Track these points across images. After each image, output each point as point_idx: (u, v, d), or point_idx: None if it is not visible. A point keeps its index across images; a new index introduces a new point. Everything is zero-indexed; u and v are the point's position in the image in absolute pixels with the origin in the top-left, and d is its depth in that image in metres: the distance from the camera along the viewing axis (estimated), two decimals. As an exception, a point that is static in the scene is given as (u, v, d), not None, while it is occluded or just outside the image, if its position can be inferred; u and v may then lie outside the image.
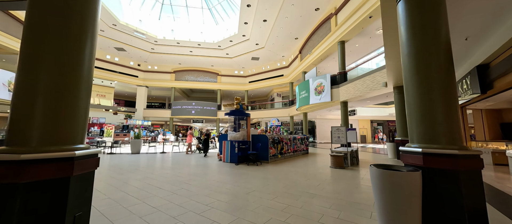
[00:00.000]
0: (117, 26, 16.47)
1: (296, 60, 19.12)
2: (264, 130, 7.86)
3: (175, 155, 9.50)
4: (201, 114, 22.84)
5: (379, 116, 20.47)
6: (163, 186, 4.08)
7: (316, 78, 13.34)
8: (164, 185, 4.13)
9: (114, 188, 3.89)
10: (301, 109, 15.88)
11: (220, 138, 8.46)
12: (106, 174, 5.20)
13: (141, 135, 9.84)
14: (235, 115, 7.49)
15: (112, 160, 7.69)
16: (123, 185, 4.12)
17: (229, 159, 7.09)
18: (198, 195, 3.51)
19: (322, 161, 7.76)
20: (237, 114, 7.44)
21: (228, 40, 18.60)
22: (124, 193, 3.63)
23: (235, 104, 7.53)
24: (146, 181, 4.43)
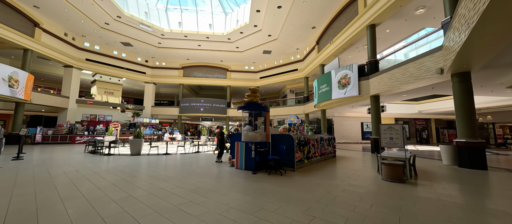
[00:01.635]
0: (122, 18, 15.37)
1: (313, 52, 17.23)
2: (288, 128, 6.21)
3: (180, 158, 8.06)
4: (210, 112, 21.50)
5: (405, 114, 18.18)
6: (145, 215, 2.55)
7: (340, 70, 11.47)
8: (146, 215, 2.60)
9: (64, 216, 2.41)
10: (320, 105, 14.05)
11: (232, 138, 6.91)
12: (74, 186, 3.77)
13: (142, 133, 8.48)
14: (252, 109, 5.88)
15: (99, 164, 6.33)
16: (87, 213, 2.63)
17: (244, 165, 5.51)
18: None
19: (362, 168, 6.00)
20: (254, 108, 5.84)
21: (238, 31, 17.04)
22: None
23: (250, 97, 5.93)
24: (125, 204, 2.93)
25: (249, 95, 5.88)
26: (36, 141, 13.67)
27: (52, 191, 3.48)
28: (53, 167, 5.76)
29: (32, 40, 13.98)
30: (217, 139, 7.35)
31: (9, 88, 11.98)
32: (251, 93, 5.91)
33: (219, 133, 7.19)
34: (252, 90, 5.98)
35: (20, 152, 7.41)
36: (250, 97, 5.87)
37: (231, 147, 6.78)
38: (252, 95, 5.90)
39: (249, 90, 6.00)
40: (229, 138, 13.79)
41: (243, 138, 5.81)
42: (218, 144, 7.11)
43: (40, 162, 6.58)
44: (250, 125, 6.07)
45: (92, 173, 5.03)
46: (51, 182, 4.12)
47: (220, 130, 7.31)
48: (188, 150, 10.35)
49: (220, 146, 7.05)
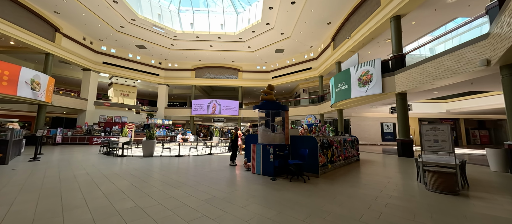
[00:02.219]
0: (136, 21, 15.52)
1: (328, 49, 16.39)
2: (309, 129, 5.60)
3: (192, 160, 7.70)
4: (222, 113, 21.24)
5: (431, 113, 16.74)
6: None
7: (360, 66, 10.62)
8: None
9: None
10: (337, 105, 13.20)
11: (247, 139, 6.41)
12: (81, 186, 3.44)
13: (155, 134, 8.25)
14: (269, 108, 5.35)
15: (111, 167, 6.10)
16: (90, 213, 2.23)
17: (261, 170, 4.98)
18: None
19: (396, 175, 5.25)
20: (272, 107, 5.30)
21: (250, 30, 16.61)
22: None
23: (268, 95, 5.40)
24: (130, 217, 2.51)
25: (266, 92, 5.35)
26: (56, 142, 14.08)
27: (56, 198, 3.17)
28: (65, 169, 5.60)
29: (53, 44, 14.47)
30: (231, 140, 6.86)
31: (31, 91, 12.39)
32: (268, 90, 5.38)
33: (235, 134, 6.71)
34: (269, 87, 5.45)
35: (37, 153, 7.43)
36: (268, 96, 5.33)
37: (247, 149, 6.29)
38: (270, 93, 5.37)
39: (266, 88, 5.47)
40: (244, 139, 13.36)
41: (260, 139, 5.29)
42: (230, 146, 6.63)
43: (54, 163, 6.50)
44: (267, 125, 5.54)
45: (102, 176, 4.75)
46: (59, 187, 3.85)
47: (235, 131, 6.83)
48: (201, 151, 10.02)
49: (233, 148, 6.57)
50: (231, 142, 6.69)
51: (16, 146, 7.26)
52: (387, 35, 12.18)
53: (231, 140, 6.68)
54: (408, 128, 9.15)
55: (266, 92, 5.39)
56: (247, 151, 6.29)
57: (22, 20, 12.73)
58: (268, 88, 5.46)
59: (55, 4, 13.17)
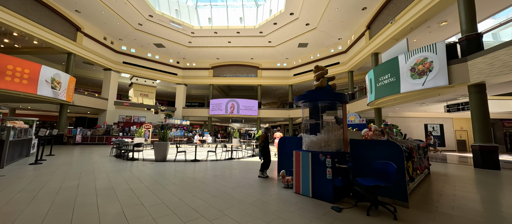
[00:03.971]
0: (154, 17, 14.82)
1: (361, 40, 14.20)
2: (378, 130, 3.81)
3: (210, 168, 6.27)
4: (240, 113, 19.90)
5: (494, 112, 13.61)
6: None
7: (413, 53, 8.45)
8: None
9: None
10: (377, 103, 11.03)
11: (282, 143, 4.80)
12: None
13: (168, 135, 7.00)
14: (319, 98, 3.67)
15: (115, 175, 4.86)
16: None
17: (310, 190, 3.33)
18: None
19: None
20: (323, 97, 3.61)
21: (272, 22, 15.04)
22: None
23: (316, 80, 3.76)
24: None
25: (318, 76, 3.71)
26: (76, 142, 13.74)
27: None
28: (60, 177, 4.46)
29: (75, 44, 14.26)
30: (260, 145, 5.22)
31: (51, 90, 12.08)
32: (318, 71, 3.73)
33: (264, 137, 5.14)
34: (319, 69, 3.79)
35: (41, 156, 6.56)
36: (319, 82, 3.68)
37: (281, 157, 4.68)
38: (320, 77, 3.72)
39: (315, 69, 3.82)
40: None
41: (306, 144, 3.64)
42: (261, 152, 5.04)
43: (54, 169, 5.47)
44: (314, 124, 3.87)
45: (92, 192, 3.45)
46: (36, 209, 2.57)
47: (265, 133, 5.25)
48: (220, 155, 8.60)
49: (265, 156, 4.98)
50: (262, 147, 5.09)
51: (19, 147, 6.45)
52: (443, 16, 9.82)
53: (262, 143, 5.08)
54: (488, 130, 6.83)
55: (317, 77, 3.75)
56: (282, 159, 4.67)
57: (44, 19, 12.56)
58: (318, 72, 3.80)
59: (76, 2, 12.86)
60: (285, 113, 20.35)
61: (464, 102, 10.14)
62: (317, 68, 3.81)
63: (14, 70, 10.51)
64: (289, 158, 4.30)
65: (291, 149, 4.48)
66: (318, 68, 3.82)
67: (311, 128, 3.85)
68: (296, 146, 4.23)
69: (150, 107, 20.42)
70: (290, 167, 4.16)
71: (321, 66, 3.86)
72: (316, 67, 3.86)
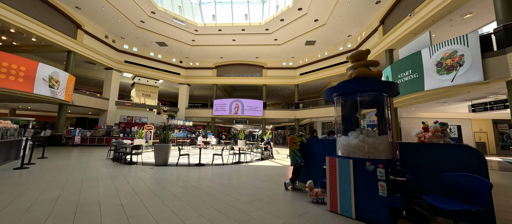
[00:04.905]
0: (156, 14, 14.19)
1: (373, 36, 13.36)
2: (439, 131, 3.00)
3: (217, 174, 5.50)
4: (245, 113, 19.13)
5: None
6: None
7: (440, 47, 7.61)
8: None
9: None
10: (394, 102, 10.15)
11: (308, 147, 3.99)
12: None
13: (170, 137, 6.26)
14: (362, 89, 2.85)
15: (105, 184, 4.11)
16: None
17: (353, 210, 2.52)
18: None
19: None
20: (367, 87, 2.80)
21: (279, 19, 14.30)
22: None
23: (359, 68, 2.99)
24: None
25: (357, 63, 2.94)
26: (75, 143, 13.10)
27: None
28: (41, 186, 3.73)
29: (75, 42, 13.69)
30: (293, 150, 3.98)
31: (49, 88, 11.47)
32: (357, 54, 2.96)
33: (292, 139, 4.05)
34: (358, 54, 3.01)
35: (30, 159, 5.87)
36: (358, 70, 2.90)
37: (307, 164, 3.88)
38: (362, 65, 2.94)
39: (350, 58, 3.04)
40: (271, 144, 10.82)
41: (343, 149, 2.84)
42: (295, 159, 3.98)
43: (40, 174, 4.75)
44: (349, 122, 3.08)
45: (71, 210, 2.69)
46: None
47: (293, 135, 4.11)
48: (227, 159, 7.82)
49: (295, 168, 3.92)
50: (297, 152, 3.94)
51: (5, 149, 5.74)
52: (469, 7, 8.95)
53: (295, 152, 3.95)
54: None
55: (357, 64, 2.97)
56: (306, 166, 3.87)
57: (43, 15, 11.99)
58: (357, 56, 3.02)
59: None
60: (291, 113, 19.53)
61: (493, 101, 9.22)
62: (357, 55, 3.02)
63: (9, 68, 9.91)
64: (316, 165, 3.51)
65: (319, 154, 3.69)
66: (358, 53, 3.03)
67: (346, 128, 3.05)
68: (326, 150, 3.43)
69: (152, 108, 19.78)
70: (319, 176, 3.36)
71: (361, 50, 3.07)
72: (357, 54, 3.07)
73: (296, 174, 3.88)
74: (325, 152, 3.44)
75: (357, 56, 3.03)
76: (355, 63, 3.08)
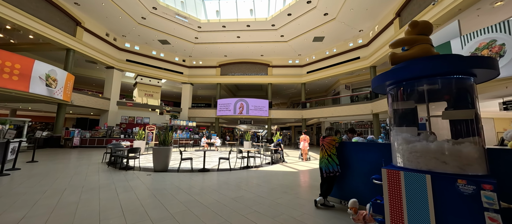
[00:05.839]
0: (158, 9, 13.49)
1: (388, 30, 12.42)
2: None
3: (224, 182, 4.69)
4: (250, 113, 18.31)
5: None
6: None
7: (476, 37, 6.68)
8: None
9: None
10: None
11: (343, 151, 3.14)
12: None
13: (170, 138, 5.48)
14: (433, 70, 1.96)
15: (88, 197, 3.33)
16: None
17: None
18: None
19: None
20: (439, 68, 1.91)
21: (286, 13, 13.46)
22: None
23: (408, 43, 2.12)
24: None
25: (406, 39, 2.11)
26: (74, 144, 12.46)
27: None
28: (10, 200, 2.96)
29: (74, 39, 13.08)
30: (330, 154, 3.11)
31: (46, 87, 10.83)
32: (423, 25, 2.12)
33: (331, 141, 3.15)
34: (424, 25, 2.16)
35: (14, 163, 5.15)
36: (413, 48, 2.07)
37: (344, 174, 3.03)
38: (415, 40, 2.10)
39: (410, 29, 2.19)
40: (281, 146, 9.94)
41: (406, 156, 1.99)
42: (329, 166, 3.10)
43: (18, 183, 4.00)
44: (404, 120, 2.23)
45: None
46: None
47: (332, 136, 3.26)
48: (235, 163, 6.99)
49: (329, 178, 3.09)
50: (332, 157, 3.07)
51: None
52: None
53: (331, 158, 3.09)
54: None
55: (405, 40, 2.15)
56: (345, 177, 3.02)
57: (41, 11, 11.39)
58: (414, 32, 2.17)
59: (74, -7, 11.67)
60: (297, 113, 18.65)
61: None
62: (423, 25, 2.17)
63: (3, 65, 9.28)
64: (359, 177, 2.66)
65: (362, 161, 2.84)
66: (423, 24, 2.18)
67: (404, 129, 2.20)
68: (370, 155, 2.58)
69: (154, 108, 19.12)
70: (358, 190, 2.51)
71: (426, 21, 2.22)
72: (413, 23, 2.22)
73: (329, 186, 3.04)
74: (370, 158, 2.59)
75: (421, 29, 2.17)
76: (411, 38, 2.21)
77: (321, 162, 3.18)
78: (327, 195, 3.06)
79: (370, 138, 3.82)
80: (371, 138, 3.86)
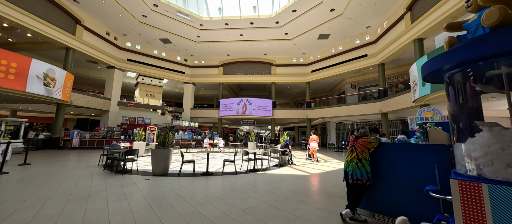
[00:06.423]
0: (159, 7, 13.08)
1: (397, 26, 11.85)
2: None
3: (230, 189, 4.17)
4: (253, 113, 17.79)
5: None
6: None
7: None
8: None
9: None
10: (431, 97, 8.61)
11: (380, 155, 2.59)
12: None
13: (171, 139, 4.98)
14: None
15: (74, 205, 2.82)
16: None
17: None
18: None
19: None
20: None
21: (290, 9, 12.96)
22: None
23: (477, 9, 1.54)
24: None
25: None
26: (73, 146, 12.05)
27: None
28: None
29: (74, 38, 12.70)
30: (361, 159, 2.55)
31: (44, 87, 10.43)
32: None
33: (366, 143, 2.59)
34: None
35: (1, 167, 4.69)
36: (499, 7, 1.48)
37: (381, 185, 2.49)
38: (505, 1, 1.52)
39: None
40: (290, 148, 9.39)
41: (490, 163, 1.43)
42: (357, 178, 2.51)
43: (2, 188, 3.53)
44: (473, 114, 1.68)
45: None
46: None
47: (367, 137, 2.68)
48: (240, 166, 6.47)
49: (357, 186, 2.54)
50: (363, 162, 2.54)
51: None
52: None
53: (368, 156, 2.58)
54: None
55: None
56: (384, 187, 2.48)
57: (39, 9, 11.03)
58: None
59: (73, -10, 11.30)
60: (302, 113, 18.09)
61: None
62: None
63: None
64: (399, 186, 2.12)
65: (404, 166, 2.30)
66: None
67: (467, 126, 1.66)
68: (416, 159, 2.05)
69: (156, 108, 18.71)
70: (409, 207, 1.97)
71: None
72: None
73: (357, 196, 2.50)
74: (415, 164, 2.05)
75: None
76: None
77: (348, 165, 2.63)
78: (355, 206, 2.52)
79: (401, 138, 3.28)
80: (402, 138, 3.32)
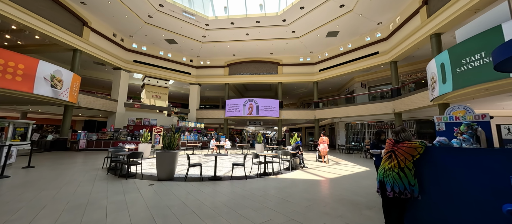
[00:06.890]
0: (164, 7, 12.90)
1: (412, 21, 11.21)
2: None
3: (240, 196, 3.78)
4: (259, 114, 17.39)
5: None
6: None
7: (539, 15, 5.47)
8: None
9: None
10: (451, 96, 7.99)
11: (438, 160, 2.13)
12: None
13: (176, 141, 4.65)
14: None
15: (71, 214, 2.47)
16: None
17: None
18: None
19: None
20: None
21: (298, 6, 12.51)
22: None
23: None
24: None
25: None
26: (80, 147, 11.98)
27: None
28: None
29: (81, 39, 12.68)
30: (404, 167, 2.03)
31: (51, 88, 10.37)
32: None
33: (410, 148, 2.05)
34: None
35: (3, 170, 4.47)
36: None
37: (444, 207, 2.04)
38: None
39: None
40: (300, 149, 8.91)
41: None
42: (399, 190, 1.99)
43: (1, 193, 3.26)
44: None
45: None
46: None
47: (411, 141, 2.13)
48: (250, 169, 6.08)
49: (399, 201, 2.03)
50: (411, 169, 2.04)
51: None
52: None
53: (414, 163, 2.09)
54: None
55: None
56: (427, 199, 2.02)
57: (46, 11, 11.01)
58: None
59: (80, -8, 11.25)
60: (310, 113, 17.56)
61: None
62: None
63: (6, 65, 8.84)
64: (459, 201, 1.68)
65: (466, 178, 1.86)
66: None
67: None
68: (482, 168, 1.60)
69: (162, 110, 18.60)
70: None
71: None
72: None
73: (400, 214, 2.05)
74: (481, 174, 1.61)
75: None
76: None
77: (386, 174, 2.16)
78: (399, 221, 2.08)
79: (443, 141, 2.81)
80: (443, 140, 2.84)
